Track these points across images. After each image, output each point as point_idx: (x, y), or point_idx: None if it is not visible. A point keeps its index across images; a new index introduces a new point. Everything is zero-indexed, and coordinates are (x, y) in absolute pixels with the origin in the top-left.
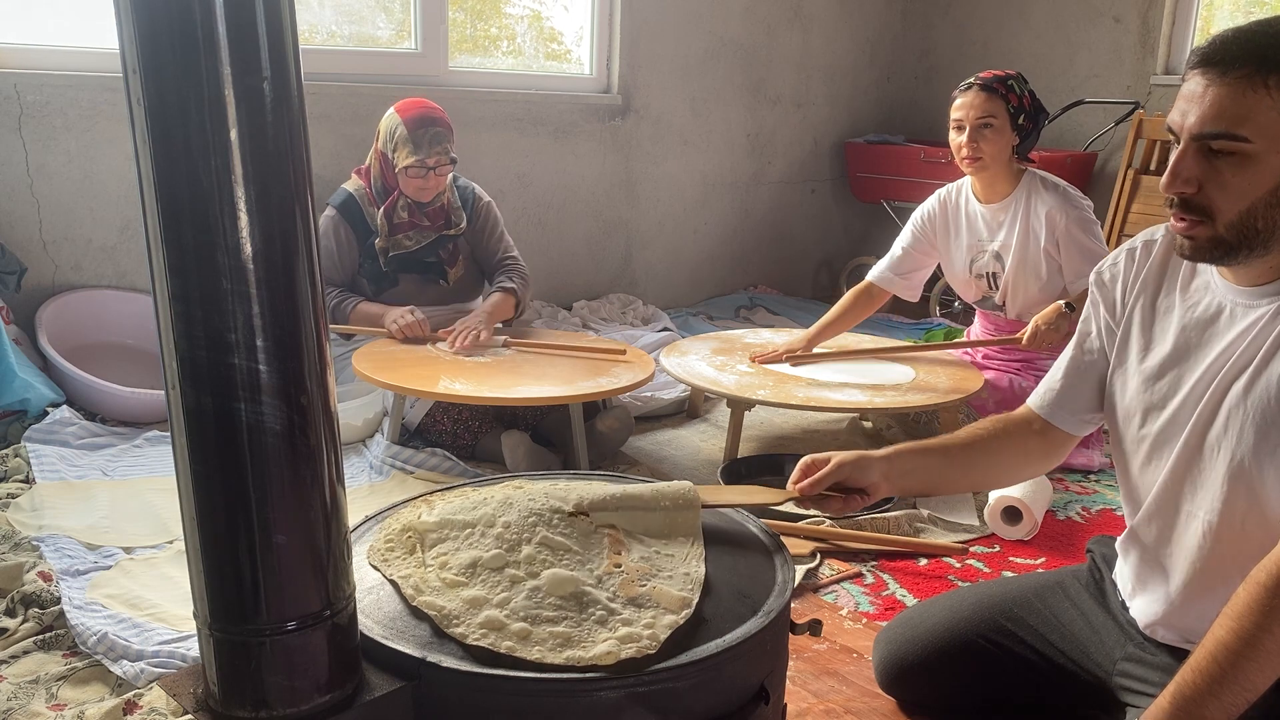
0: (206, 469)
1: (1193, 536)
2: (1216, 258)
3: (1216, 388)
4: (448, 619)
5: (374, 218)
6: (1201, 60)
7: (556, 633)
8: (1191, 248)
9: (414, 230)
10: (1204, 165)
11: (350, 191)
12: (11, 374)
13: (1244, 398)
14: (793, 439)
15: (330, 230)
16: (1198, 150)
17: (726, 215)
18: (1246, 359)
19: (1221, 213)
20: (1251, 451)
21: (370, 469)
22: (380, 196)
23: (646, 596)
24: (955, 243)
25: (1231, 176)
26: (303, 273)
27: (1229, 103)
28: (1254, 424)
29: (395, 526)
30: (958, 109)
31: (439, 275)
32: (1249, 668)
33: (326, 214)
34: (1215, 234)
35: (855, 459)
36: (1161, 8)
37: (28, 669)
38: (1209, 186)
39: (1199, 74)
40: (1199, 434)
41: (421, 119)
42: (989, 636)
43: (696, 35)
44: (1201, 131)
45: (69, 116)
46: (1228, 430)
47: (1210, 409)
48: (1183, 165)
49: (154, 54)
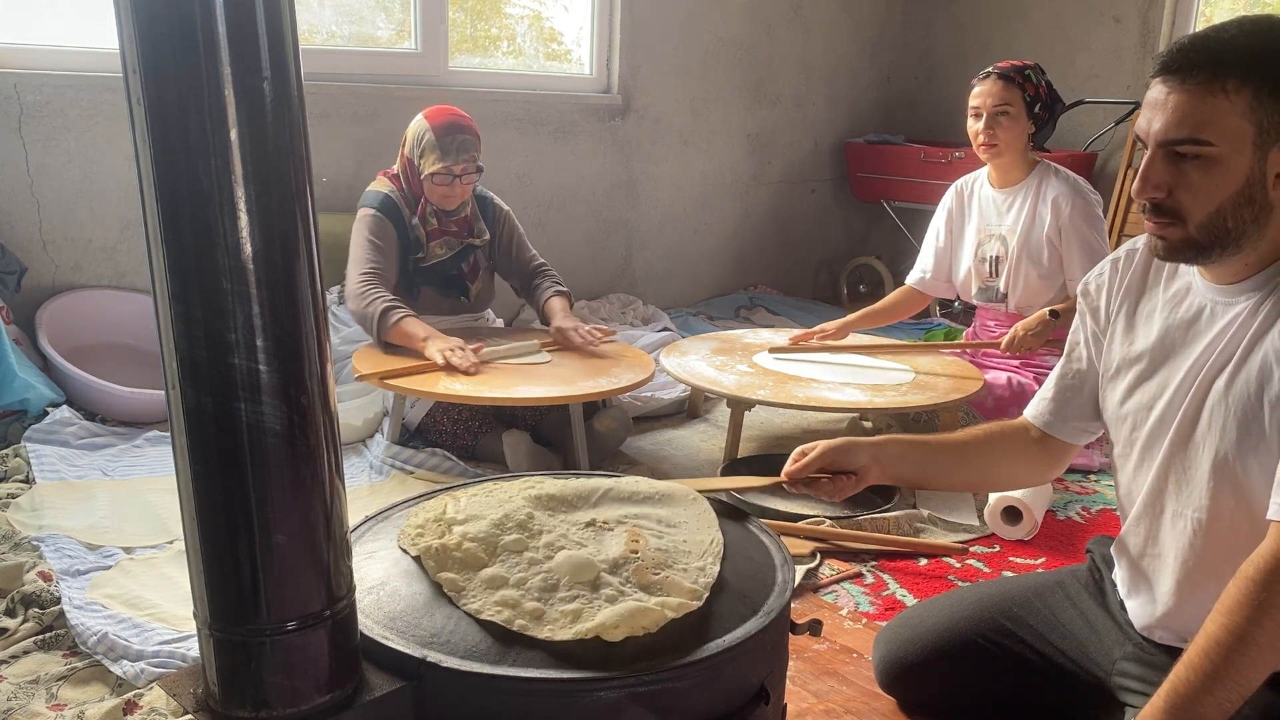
0: (206, 469)
1: (1182, 535)
2: (1189, 257)
3: (1199, 386)
4: (464, 594)
5: (412, 225)
6: (1162, 68)
7: (567, 610)
8: (1165, 248)
9: (444, 238)
10: (1172, 170)
11: (386, 194)
12: (11, 374)
13: (1225, 394)
14: (793, 439)
15: (380, 231)
16: (1165, 156)
17: (726, 215)
18: (1227, 356)
19: (1191, 215)
20: (1235, 447)
21: (370, 469)
22: (410, 204)
23: (658, 585)
24: (968, 228)
25: (1199, 180)
26: (303, 273)
27: (1190, 109)
28: (1236, 419)
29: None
30: (975, 96)
31: (460, 290)
32: (1242, 662)
33: (368, 214)
34: (1187, 235)
35: (842, 443)
36: (1161, 8)
37: (28, 669)
38: (1178, 190)
39: (1160, 81)
40: (1184, 433)
41: (450, 126)
42: (989, 636)
43: (696, 35)
44: (1167, 138)
45: (69, 116)
46: (1211, 427)
47: (1194, 407)
48: (1151, 171)
49: (154, 54)
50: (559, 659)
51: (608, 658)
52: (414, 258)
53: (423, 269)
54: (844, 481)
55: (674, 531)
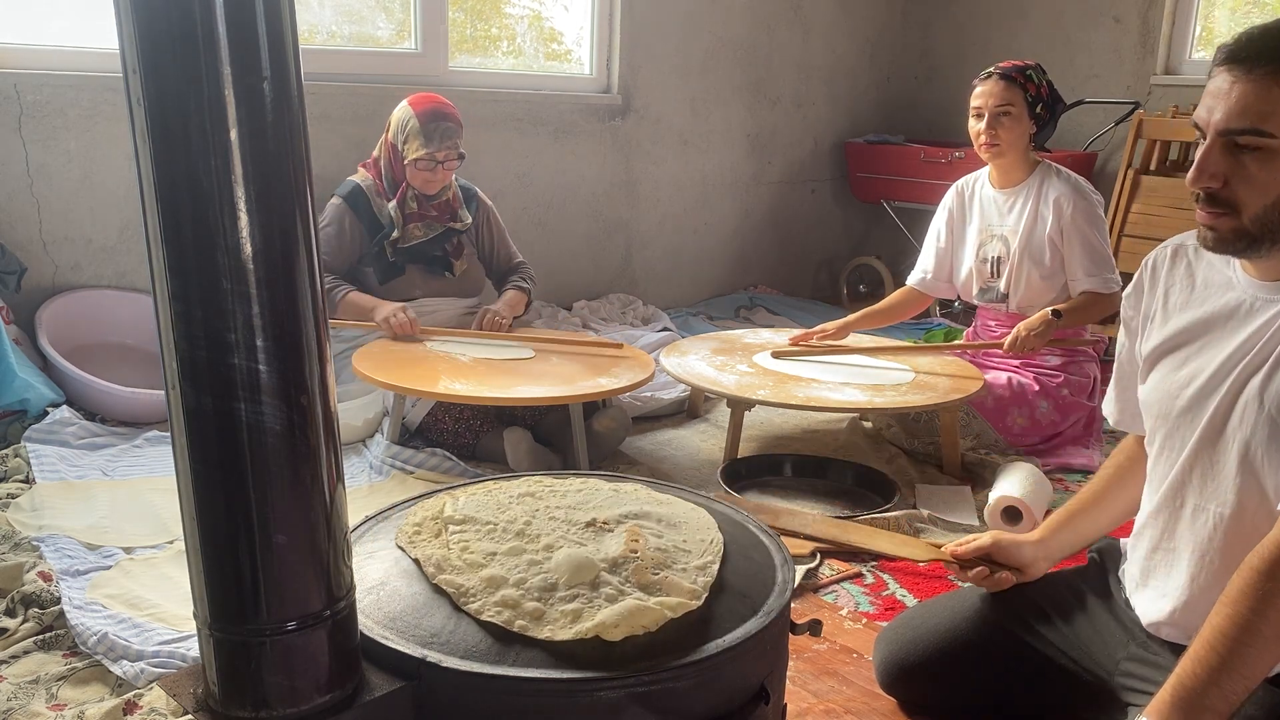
0: (206, 469)
1: (1202, 530)
2: (1239, 249)
3: (1234, 381)
4: (465, 595)
5: (382, 210)
6: (1228, 57)
7: (567, 610)
8: (1215, 239)
9: (423, 221)
10: (1230, 160)
11: (358, 183)
12: (11, 374)
13: (1261, 391)
14: (793, 439)
15: (336, 218)
16: (1224, 146)
17: (726, 215)
18: (1266, 353)
19: (1247, 206)
20: (1265, 444)
21: (370, 469)
22: (390, 188)
23: (657, 585)
24: (969, 228)
25: (1257, 171)
26: (303, 273)
27: (1254, 99)
28: (1268, 417)
29: (423, 514)
30: (977, 97)
31: (444, 267)
32: (1247, 654)
33: (332, 202)
34: (1240, 226)
35: (1010, 540)
36: (1161, 8)
37: (28, 669)
38: (1234, 181)
39: (1225, 70)
40: (1215, 426)
41: (434, 113)
42: (990, 637)
43: (696, 35)
44: (1228, 127)
45: (69, 116)
46: (1243, 423)
47: (1228, 402)
48: (1209, 160)
49: (154, 54)
50: (559, 659)
51: (607, 658)
52: (388, 240)
53: (403, 249)
54: (1005, 576)
55: (673, 531)
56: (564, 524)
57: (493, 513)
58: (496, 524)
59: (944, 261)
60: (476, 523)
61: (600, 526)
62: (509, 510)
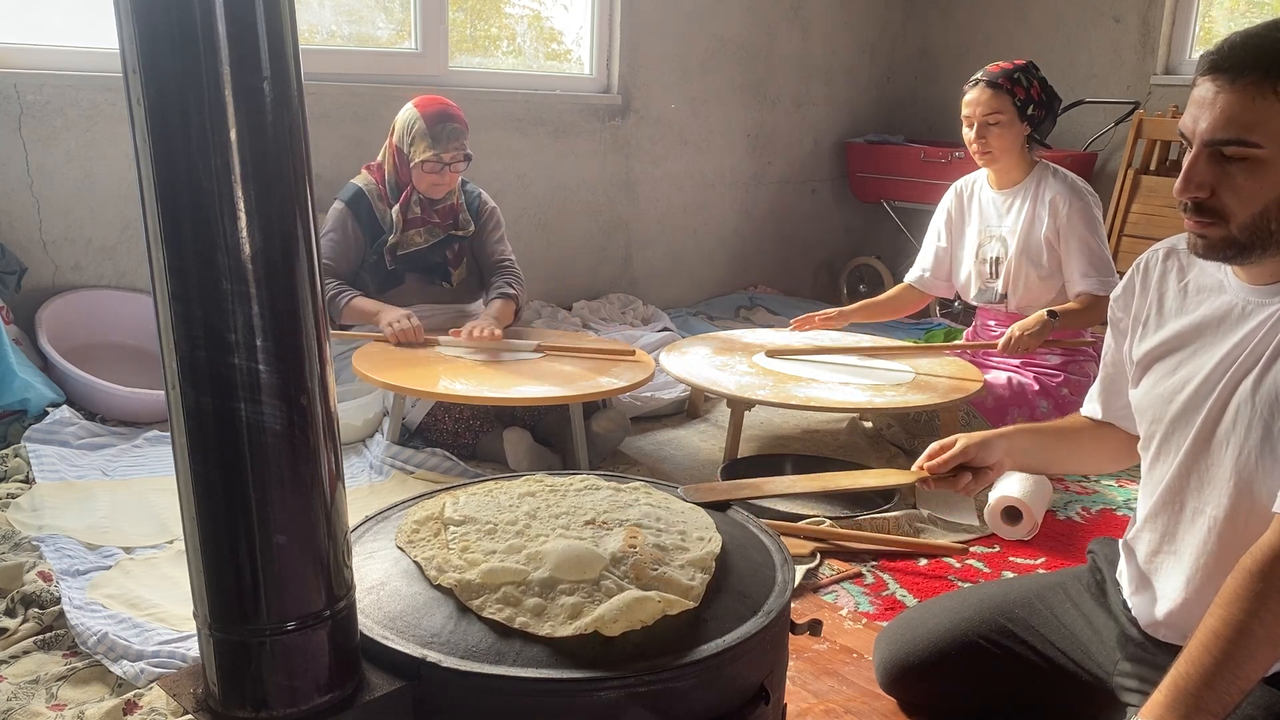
0: (206, 469)
1: (1199, 533)
2: (1229, 256)
3: (1226, 384)
4: (468, 592)
5: (384, 214)
6: (1211, 66)
7: (567, 605)
8: (1205, 246)
9: (425, 227)
10: (1216, 170)
11: (360, 187)
12: (11, 374)
13: (1253, 394)
14: (793, 439)
15: (338, 223)
16: (1210, 155)
17: (726, 215)
18: (1256, 356)
19: (1235, 215)
20: (1258, 447)
21: (370, 469)
22: (393, 192)
23: (656, 582)
24: (968, 229)
25: (1244, 181)
26: (303, 273)
27: (1239, 109)
28: (1261, 420)
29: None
30: (966, 105)
31: (443, 276)
32: (1241, 655)
33: (335, 207)
34: (1229, 234)
35: (981, 439)
36: (1161, 8)
37: (28, 669)
38: (1222, 190)
39: (1209, 80)
40: (1208, 429)
41: (440, 115)
42: (990, 637)
43: (696, 35)
44: (1213, 138)
45: (69, 116)
46: (1236, 426)
47: (1220, 405)
48: (1195, 170)
49: (154, 54)
50: (559, 658)
51: (608, 657)
52: (388, 246)
53: (402, 256)
54: (984, 475)
55: (673, 530)
56: (564, 523)
57: (493, 513)
58: (497, 524)
59: (943, 261)
60: (476, 523)
61: (600, 525)
62: (509, 510)
